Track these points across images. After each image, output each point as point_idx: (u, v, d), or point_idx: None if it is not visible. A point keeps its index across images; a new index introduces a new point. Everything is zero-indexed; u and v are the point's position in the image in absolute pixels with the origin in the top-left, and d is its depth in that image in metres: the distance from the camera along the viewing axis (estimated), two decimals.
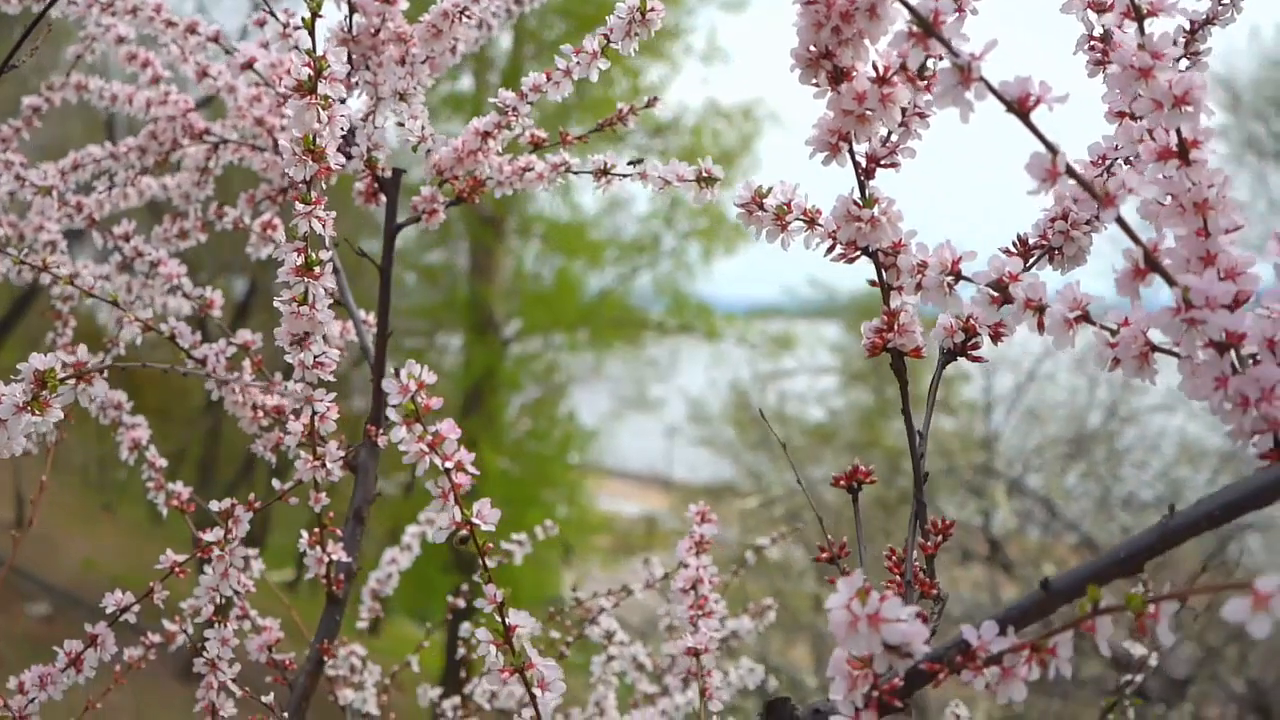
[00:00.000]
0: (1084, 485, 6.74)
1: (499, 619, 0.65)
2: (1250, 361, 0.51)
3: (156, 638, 1.13)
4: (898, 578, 0.64)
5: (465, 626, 1.13)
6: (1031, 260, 0.69)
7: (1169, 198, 0.54)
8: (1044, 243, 0.69)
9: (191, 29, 1.09)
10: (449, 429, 0.63)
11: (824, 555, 0.60)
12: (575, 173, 0.97)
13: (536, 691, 0.65)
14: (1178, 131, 0.54)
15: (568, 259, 11.87)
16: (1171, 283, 0.51)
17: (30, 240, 1.25)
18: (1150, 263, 0.51)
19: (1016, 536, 6.63)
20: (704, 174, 0.83)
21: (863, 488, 0.66)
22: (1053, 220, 0.69)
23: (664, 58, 11.21)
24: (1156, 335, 0.55)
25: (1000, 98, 0.51)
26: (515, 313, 11.66)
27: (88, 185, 1.27)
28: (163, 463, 1.11)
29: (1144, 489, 7.13)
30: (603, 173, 0.94)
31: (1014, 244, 0.69)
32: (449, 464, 0.62)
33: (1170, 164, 0.54)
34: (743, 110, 10.55)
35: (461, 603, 1.41)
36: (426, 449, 0.62)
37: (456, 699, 1.30)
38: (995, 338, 0.67)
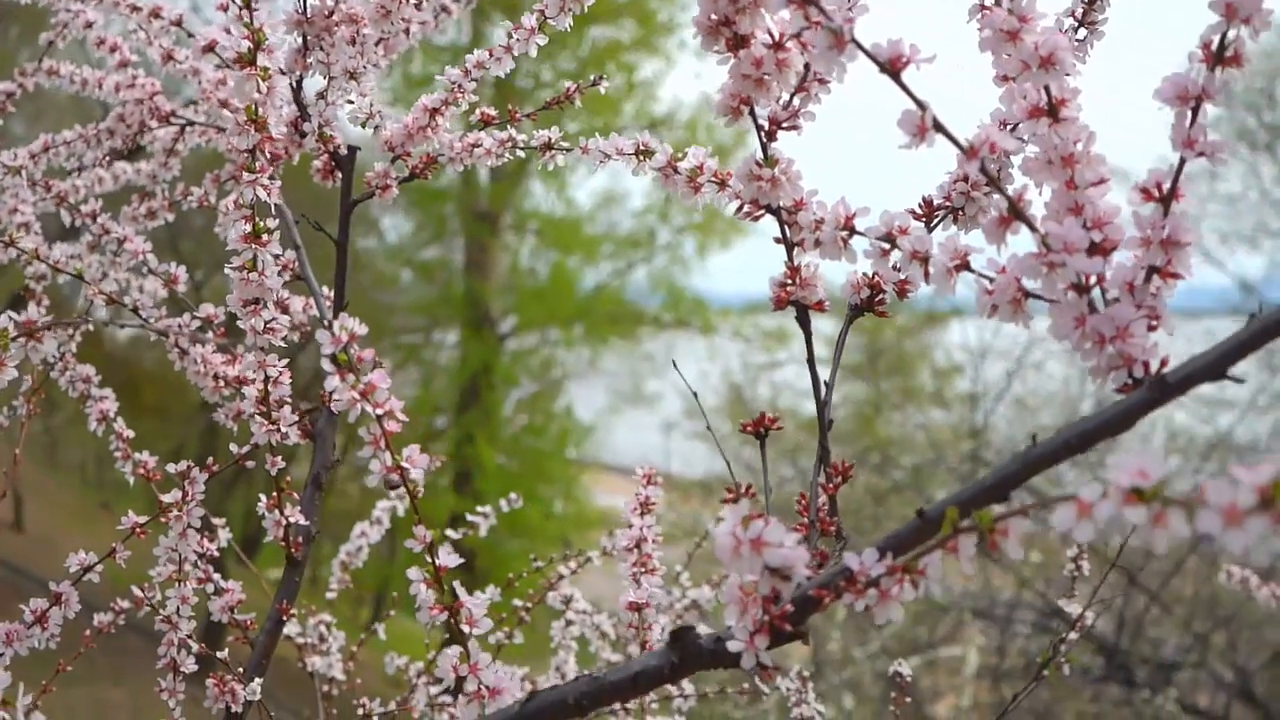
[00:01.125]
0: (1073, 473, 6.79)
1: (429, 559, 0.68)
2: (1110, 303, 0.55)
3: (125, 603, 1.17)
4: (804, 520, 0.68)
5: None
6: (937, 220, 0.73)
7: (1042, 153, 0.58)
8: (947, 203, 0.73)
9: (155, 13, 1.13)
10: (379, 379, 0.66)
11: (730, 497, 0.64)
12: (522, 148, 1.01)
13: (465, 628, 0.68)
14: (1046, 90, 0.58)
15: (563, 254, 11.90)
16: (1034, 229, 0.55)
17: (4, 223, 1.29)
18: (1015, 211, 0.55)
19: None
20: (641, 147, 0.87)
21: (769, 435, 0.70)
22: (955, 182, 0.72)
23: (658, 53, 11.24)
24: (1030, 283, 0.59)
25: (873, 59, 0.55)
26: (511, 308, 11.70)
27: (64, 172, 1.31)
28: (130, 434, 1.14)
29: None
30: (546, 147, 0.98)
31: (919, 204, 0.73)
32: (380, 411, 0.66)
33: (1042, 121, 0.58)
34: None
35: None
36: (358, 397, 0.66)
37: (420, 665, 1.35)
38: (901, 294, 0.71)
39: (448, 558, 0.69)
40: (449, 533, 1.54)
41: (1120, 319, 0.54)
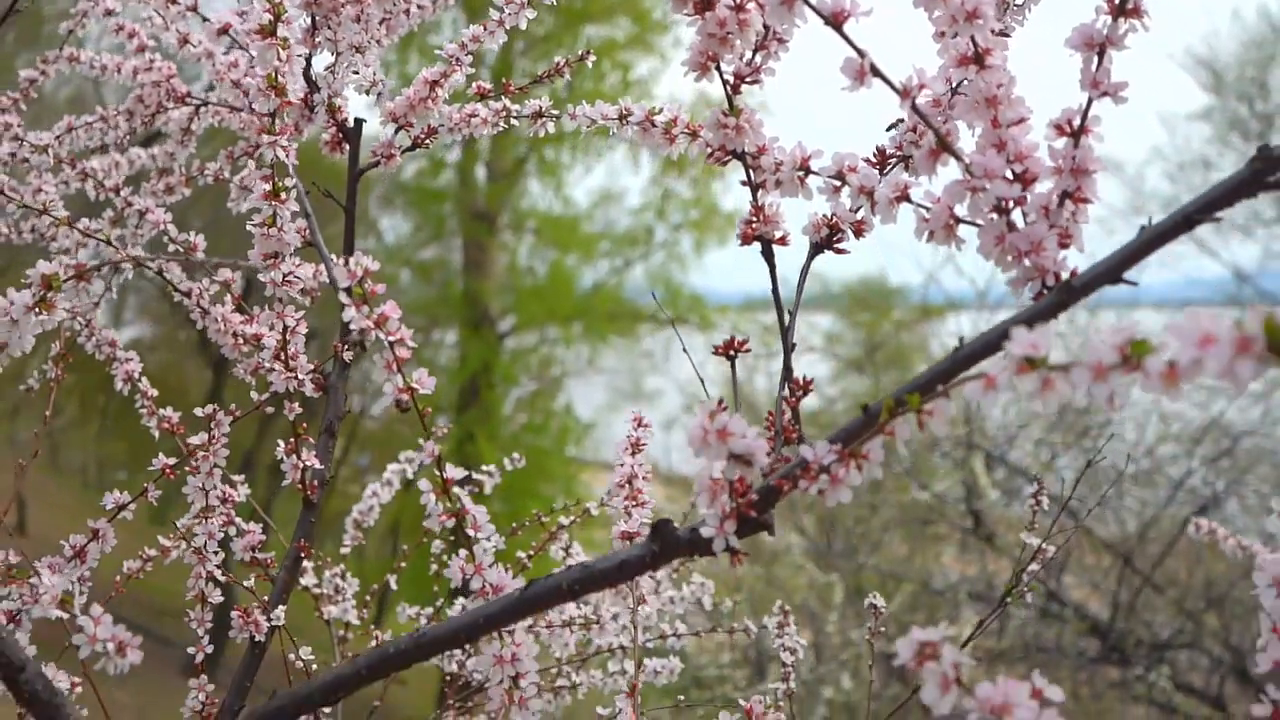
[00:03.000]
0: (1067, 460, 6.88)
1: (437, 472, 0.77)
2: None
3: (152, 551, 1.25)
4: (770, 432, 0.76)
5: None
6: (890, 166, 0.81)
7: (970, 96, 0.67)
8: (899, 152, 0.81)
9: (171, 0, 1.21)
10: (391, 310, 0.75)
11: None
12: (515, 118, 1.09)
13: (471, 532, 0.77)
14: (973, 40, 0.66)
15: (561, 253, 11.98)
16: (959, 159, 0.63)
17: (31, 201, 1.37)
18: (942, 144, 0.64)
19: (1003, 513, 6.78)
20: (624, 112, 0.95)
21: (739, 356, 0.78)
22: (908, 132, 0.81)
23: (654, 51, 11.33)
24: (960, 210, 0.68)
25: (819, 13, 0.63)
26: (510, 307, 11.77)
27: (87, 152, 1.39)
28: (154, 392, 1.23)
29: (1126, 463, 7.27)
30: (537, 115, 1.06)
31: (873, 153, 0.81)
32: (392, 338, 0.74)
33: (970, 68, 0.66)
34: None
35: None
36: (373, 325, 0.74)
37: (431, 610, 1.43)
38: (857, 233, 0.79)
39: (454, 471, 0.77)
40: (457, 490, 1.62)
41: (1035, 236, 0.62)
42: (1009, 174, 0.64)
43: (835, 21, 0.62)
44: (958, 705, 0.52)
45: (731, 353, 0.78)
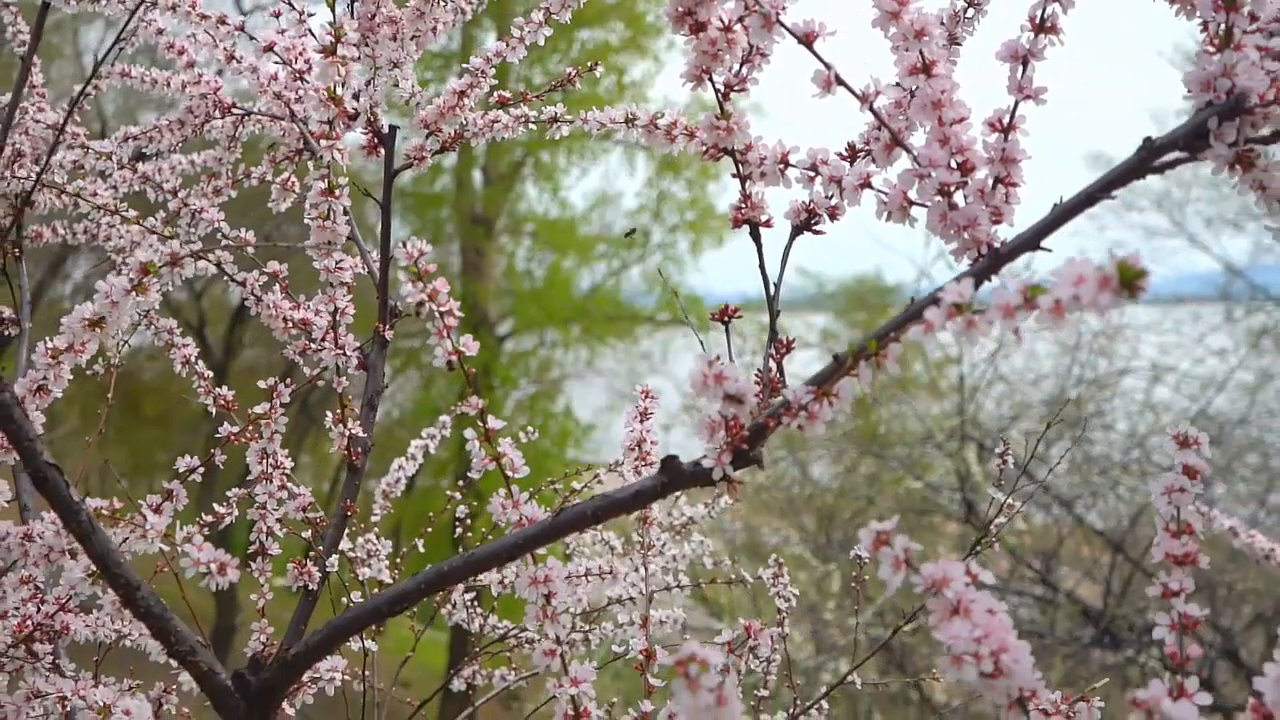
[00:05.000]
0: (1058, 450, 7.02)
1: (481, 423, 0.91)
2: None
3: (209, 517, 1.39)
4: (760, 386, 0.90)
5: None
6: (858, 159, 0.95)
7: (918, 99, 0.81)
8: (867, 147, 0.95)
9: (221, 20, 1.35)
10: (442, 285, 0.89)
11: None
12: (532, 122, 1.23)
13: (509, 473, 0.91)
14: (921, 54, 0.80)
15: (558, 255, 12.12)
16: (909, 152, 0.78)
17: (95, 202, 1.51)
18: (895, 140, 0.78)
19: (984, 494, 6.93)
20: (630, 116, 1.09)
21: (733, 320, 0.93)
22: (874, 129, 0.95)
23: (647, 54, 11.48)
24: (913, 194, 0.82)
25: (793, 34, 0.77)
26: (508, 311, 11.91)
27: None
28: (209, 374, 1.37)
29: (1119, 453, 7.43)
30: (553, 120, 1.21)
31: (845, 148, 0.96)
32: (443, 309, 0.88)
33: (919, 76, 0.81)
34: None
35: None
36: (427, 298, 0.88)
37: None
38: (832, 216, 0.93)
39: (495, 421, 0.91)
40: (470, 475, 1.77)
41: (971, 214, 0.77)
42: (951, 164, 0.78)
43: (806, 41, 0.77)
44: (906, 579, 0.66)
45: (726, 319, 0.92)
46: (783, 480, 7.71)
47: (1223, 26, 0.69)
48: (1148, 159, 0.71)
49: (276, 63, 1.39)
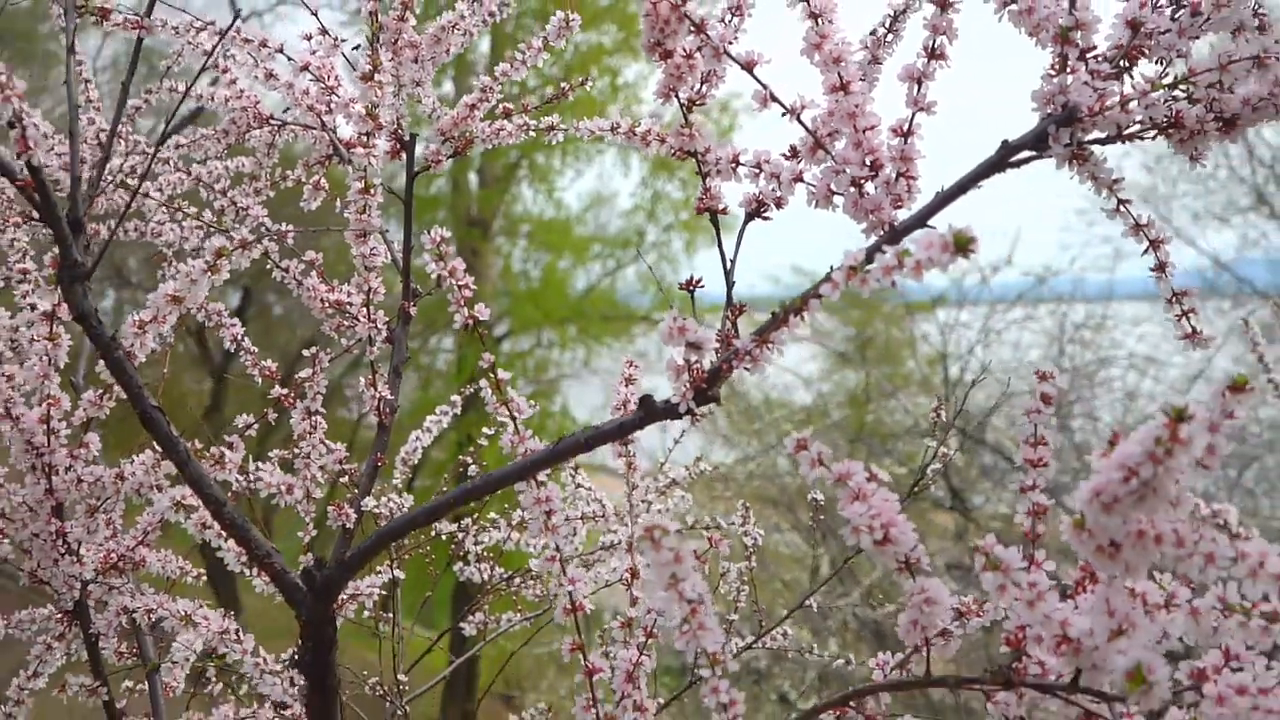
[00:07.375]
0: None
1: (493, 375, 1.13)
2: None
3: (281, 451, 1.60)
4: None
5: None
6: (797, 157, 1.17)
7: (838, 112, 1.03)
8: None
9: (264, 44, 1.57)
10: (459, 264, 1.11)
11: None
12: (533, 131, 1.45)
13: (516, 413, 1.13)
14: (839, 75, 1.02)
15: (554, 256, 12.31)
16: (828, 153, 1.00)
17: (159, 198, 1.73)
18: (818, 144, 1.00)
19: (981, 488, 7.16)
20: (615, 124, 1.31)
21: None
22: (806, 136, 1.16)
23: (640, 56, 11.68)
24: (834, 186, 1.03)
25: (736, 61, 0.99)
26: (505, 312, 12.11)
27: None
28: (255, 350, 1.59)
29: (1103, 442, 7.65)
30: (551, 128, 1.43)
31: (788, 148, 1.17)
32: (460, 283, 1.10)
33: (838, 93, 1.02)
34: (719, 104, 11.06)
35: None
36: (447, 275, 1.10)
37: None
38: (778, 205, 1.15)
39: (505, 374, 1.13)
40: (463, 457, 2.00)
41: (873, 202, 0.99)
42: (865, 162, 1.00)
43: (747, 67, 0.99)
44: (821, 478, 0.88)
45: (691, 289, 1.14)
46: (775, 470, 7.94)
47: (1058, 55, 0.91)
48: (1005, 156, 0.93)
49: (310, 80, 1.61)
